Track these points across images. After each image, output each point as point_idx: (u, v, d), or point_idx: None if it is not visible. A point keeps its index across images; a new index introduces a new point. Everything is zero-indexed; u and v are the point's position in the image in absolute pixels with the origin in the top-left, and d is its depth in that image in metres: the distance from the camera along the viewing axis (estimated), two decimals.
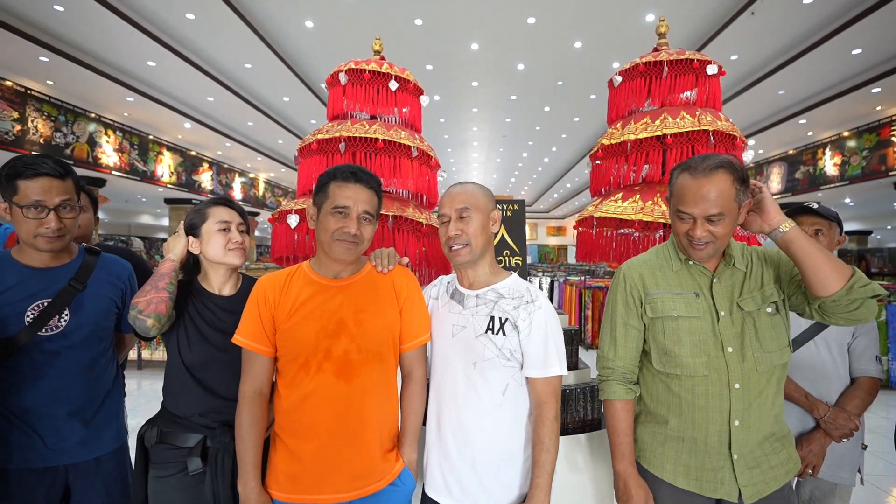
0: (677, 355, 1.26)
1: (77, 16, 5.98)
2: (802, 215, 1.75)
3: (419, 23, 6.61)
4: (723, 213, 1.19)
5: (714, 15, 6.41)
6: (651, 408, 1.35)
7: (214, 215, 1.43)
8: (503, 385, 1.27)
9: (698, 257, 1.27)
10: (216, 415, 1.36)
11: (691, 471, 1.26)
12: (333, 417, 1.23)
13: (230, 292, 1.47)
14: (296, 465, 1.23)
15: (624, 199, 2.19)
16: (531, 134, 12.30)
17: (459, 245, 1.31)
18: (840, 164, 9.67)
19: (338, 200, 1.25)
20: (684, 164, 1.27)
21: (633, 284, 1.36)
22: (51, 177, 1.34)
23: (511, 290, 1.33)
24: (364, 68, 2.25)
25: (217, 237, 1.41)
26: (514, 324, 1.27)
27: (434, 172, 2.44)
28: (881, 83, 7.31)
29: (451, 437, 1.29)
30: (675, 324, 1.28)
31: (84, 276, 1.46)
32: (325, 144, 2.17)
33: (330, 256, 1.30)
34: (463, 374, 1.29)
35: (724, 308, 1.26)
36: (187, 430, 1.35)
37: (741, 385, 1.21)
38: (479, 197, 1.35)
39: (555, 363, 1.26)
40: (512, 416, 1.28)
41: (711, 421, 1.23)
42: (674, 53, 2.19)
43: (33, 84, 7.56)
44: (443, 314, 1.38)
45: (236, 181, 14.31)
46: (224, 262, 1.43)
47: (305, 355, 1.24)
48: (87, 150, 8.66)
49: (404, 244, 2.16)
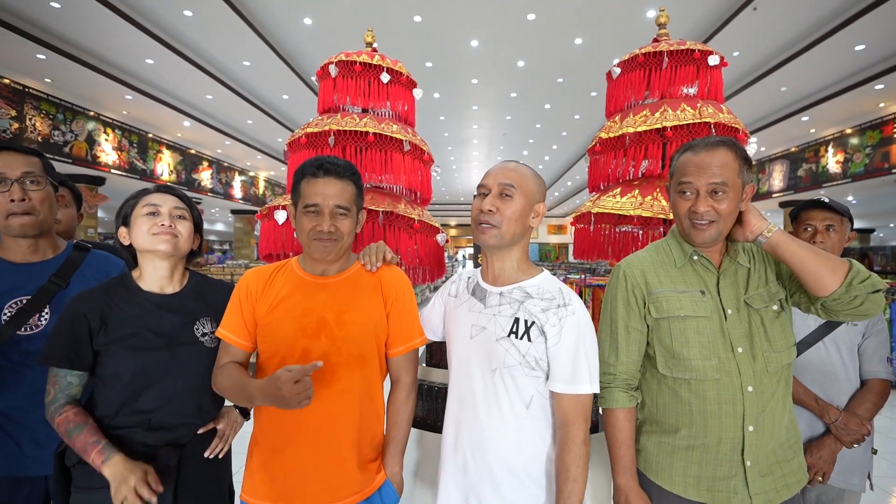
0: (686, 358, 1.17)
1: (74, 13, 5.93)
2: (814, 210, 1.69)
3: (418, 19, 6.55)
4: (727, 184, 1.13)
5: (716, 11, 6.33)
6: (656, 416, 1.25)
7: (144, 201, 1.26)
8: (528, 397, 1.12)
9: (701, 239, 1.18)
10: (156, 433, 1.19)
11: (702, 481, 1.16)
12: (309, 422, 1.16)
13: (174, 290, 1.29)
14: (271, 472, 1.17)
15: (622, 195, 2.13)
16: (532, 132, 12.23)
17: (489, 224, 1.17)
18: (843, 161, 9.58)
19: (308, 199, 1.20)
20: (684, 145, 1.22)
21: (634, 283, 1.25)
22: (13, 151, 1.31)
23: (540, 289, 1.18)
24: (355, 60, 2.19)
25: (142, 221, 1.23)
26: (541, 328, 1.12)
27: (427, 168, 2.38)
28: (884, 80, 7.22)
29: (468, 450, 1.16)
30: (683, 324, 1.18)
31: (67, 273, 1.39)
32: (315, 138, 2.11)
33: (311, 256, 1.25)
34: (482, 381, 1.16)
35: (731, 306, 1.18)
36: (122, 449, 1.14)
37: (754, 388, 1.13)
38: (530, 181, 1.20)
39: (584, 379, 1.10)
40: (537, 433, 1.14)
41: (725, 428, 1.14)
42: (674, 44, 2.13)
43: (31, 82, 7.52)
44: (461, 313, 1.26)
45: (236, 179, 14.27)
46: (150, 250, 1.23)
47: (282, 353, 1.18)
48: (85, 149, 8.63)
49: (396, 241, 2.10)
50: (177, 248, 1.25)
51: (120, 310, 1.21)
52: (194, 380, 1.24)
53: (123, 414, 1.17)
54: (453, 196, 23.47)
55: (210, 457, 1.26)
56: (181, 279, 1.33)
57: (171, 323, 1.24)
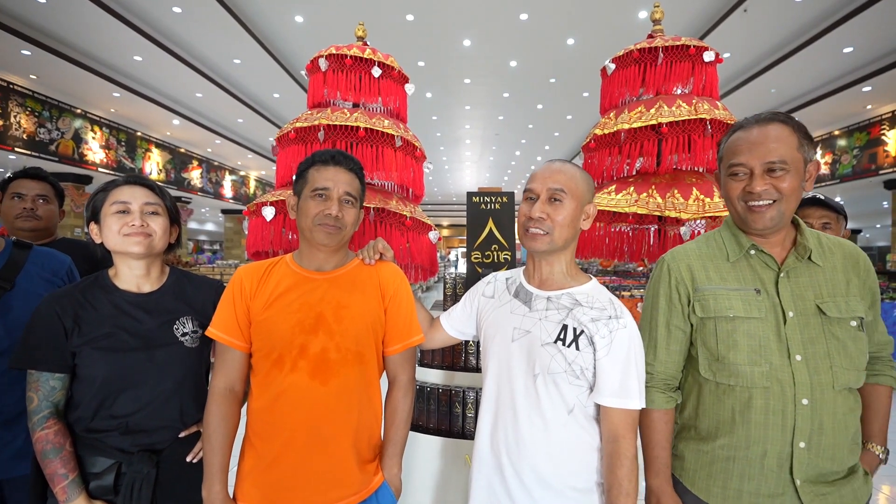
0: (732, 363, 1.06)
1: (60, 8, 5.82)
2: (810, 207, 1.69)
3: (410, 18, 6.52)
4: (786, 163, 1.01)
5: (707, 12, 6.37)
6: (695, 421, 1.15)
7: (112, 196, 1.17)
8: (570, 404, 1.08)
9: (762, 224, 1.06)
10: (134, 437, 1.13)
11: (743, 496, 1.05)
12: (306, 421, 1.12)
13: (152, 288, 1.23)
14: (264, 472, 1.12)
15: (617, 192, 2.11)
16: (524, 132, 12.24)
17: (539, 230, 1.12)
18: (831, 162, 9.71)
19: (317, 183, 1.17)
20: (733, 126, 1.11)
21: (679, 278, 1.15)
22: None
23: (590, 298, 1.12)
24: (346, 53, 2.15)
25: (111, 220, 1.15)
26: (590, 338, 1.07)
27: (419, 164, 2.34)
28: (872, 82, 7.32)
29: (505, 456, 1.12)
30: (731, 325, 1.07)
31: (11, 274, 1.33)
32: (304, 133, 2.07)
33: (312, 244, 1.20)
34: (522, 385, 1.11)
35: (792, 308, 1.05)
36: (96, 453, 1.12)
37: (810, 401, 1.01)
38: (581, 182, 1.14)
39: (635, 394, 1.05)
40: (578, 441, 1.08)
41: (770, 441, 1.03)
42: (669, 40, 2.11)
43: (15, 78, 7.36)
44: (502, 315, 1.20)
45: (226, 179, 14.13)
46: (121, 252, 1.17)
47: (279, 351, 1.13)
48: (72, 147, 8.47)
49: (387, 238, 2.06)
50: (151, 247, 1.19)
51: (94, 309, 1.15)
52: (174, 382, 1.18)
53: (100, 417, 1.12)
54: (446, 196, 23.46)
55: (194, 461, 1.21)
56: (159, 276, 1.26)
57: (148, 323, 1.18)
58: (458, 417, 1.84)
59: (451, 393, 1.85)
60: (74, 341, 1.12)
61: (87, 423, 1.12)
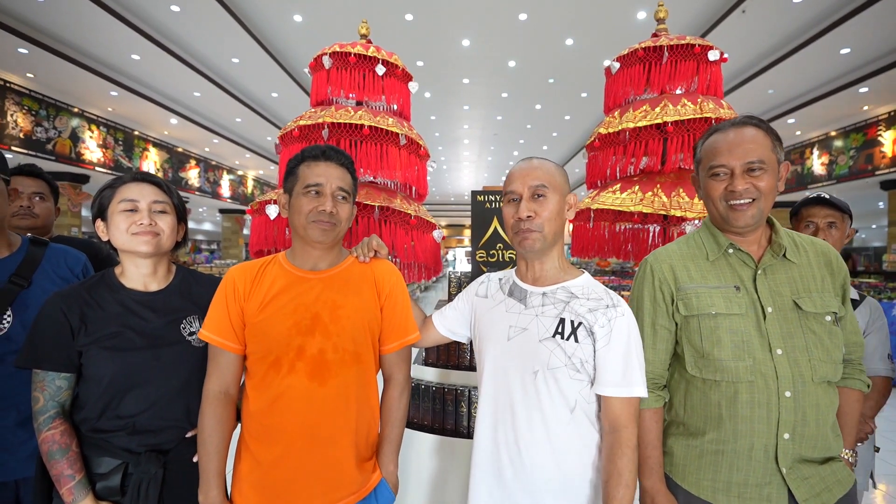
0: (716, 358, 1.09)
1: (57, 6, 5.78)
2: (815, 206, 1.68)
3: (409, 18, 6.50)
4: (764, 162, 1.07)
5: (705, 13, 6.38)
6: (683, 418, 1.18)
7: (120, 194, 1.17)
8: (572, 401, 1.07)
9: (743, 221, 1.10)
10: (140, 437, 1.13)
11: (732, 487, 1.08)
12: (306, 423, 1.11)
13: (158, 286, 1.23)
14: (263, 475, 1.11)
15: (622, 191, 2.11)
16: (522, 132, 12.23)
17: (530, 230, 1.12)
18: (827, 163, 9.76)
19: (309, 179, 1.16)
20: (708, 130, 1.18)
21: (662, 278, 1.18)
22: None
23: (586, 290, 1.13)
24: (350, 51, 2.14)
25: (119, 219, 1.15)
26: (588, 329, 1.07)
27: (423, 162, 2.33)
28: (868, 83, 7.35)
29: (506, 456, 1.10)
30: (714, 322, 1.10)
31: (28, 271, 1.31)
32: (308, 131, 2.06)
33: (306, 242, 1.19)
34: (520, 384, 1.10)
35: (771, 304, 1.09)
36: (102, 453, 1.11)
37: (793, 394, 1.05)
38: (557, 175, 1.16)
39: (638, 381, 1.05)
40: (581, 440, 1.08)
41: (756, 433, 1.06)
42: (674, 38, 2.11)
43: (12, 77, 7.31)
44: (497, 315, 1.19)
45: (224, 178, 14.08)
46: (128, 251, 1.17)
47: (276, 353, 1.12)
48: (69, 146, 8.42)
49: (391, 237, 2.05)
50: (159, 246, 1.18)
51: (100, 308, 1.13)
52: (181, 381, 1.17)
53: (106, 417, 1.11)
54: (444, 196, 23.44)
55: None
56: (166, 275, 1.26)
57: (155, 322, 1.17)
58: (452, 415, 1.86)
59: (445, 391, 1.87)
60: (81, 340, 1.10)
61: (94, 423, 1.11)
